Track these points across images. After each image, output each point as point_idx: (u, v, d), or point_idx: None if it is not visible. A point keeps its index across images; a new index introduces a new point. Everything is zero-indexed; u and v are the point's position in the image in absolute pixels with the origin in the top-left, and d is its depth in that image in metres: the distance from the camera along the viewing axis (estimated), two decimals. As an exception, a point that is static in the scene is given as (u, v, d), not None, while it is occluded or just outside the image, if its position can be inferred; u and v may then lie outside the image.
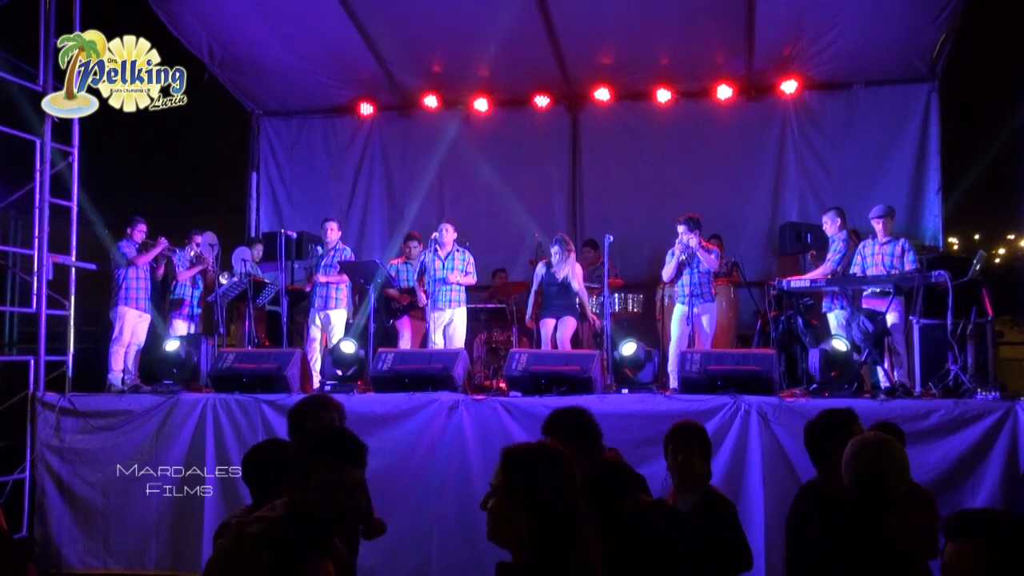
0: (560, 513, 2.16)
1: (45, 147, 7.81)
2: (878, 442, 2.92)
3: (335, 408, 4.08)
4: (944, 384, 6.48)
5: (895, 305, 7.25)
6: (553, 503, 2.16)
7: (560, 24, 9.41)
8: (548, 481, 2.19)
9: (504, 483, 2.21)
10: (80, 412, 7.10)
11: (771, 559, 5.68)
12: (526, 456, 2.27)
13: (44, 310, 7.72)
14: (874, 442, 2.93)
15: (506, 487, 2.20)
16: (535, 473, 2.21)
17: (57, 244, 7.91)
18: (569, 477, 2.23)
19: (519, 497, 2.17)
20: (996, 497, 5.66)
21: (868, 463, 2.85)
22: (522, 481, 2.19)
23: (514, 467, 2.23)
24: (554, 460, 2.25)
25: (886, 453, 2.87)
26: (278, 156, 11.74)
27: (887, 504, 2.80)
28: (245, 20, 9.51)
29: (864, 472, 2.84)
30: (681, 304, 7.92)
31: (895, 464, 2.87)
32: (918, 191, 9.96)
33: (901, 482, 2.89)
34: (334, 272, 8.74)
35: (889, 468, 2.84)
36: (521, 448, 2.31)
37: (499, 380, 7.66)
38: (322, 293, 8.73)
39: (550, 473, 2.21)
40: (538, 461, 2.25)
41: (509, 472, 2.22)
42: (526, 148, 11.09)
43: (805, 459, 5.79)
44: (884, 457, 2.86)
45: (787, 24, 9.28)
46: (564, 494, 2.19)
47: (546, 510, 2.15)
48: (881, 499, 2.80)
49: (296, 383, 7.04)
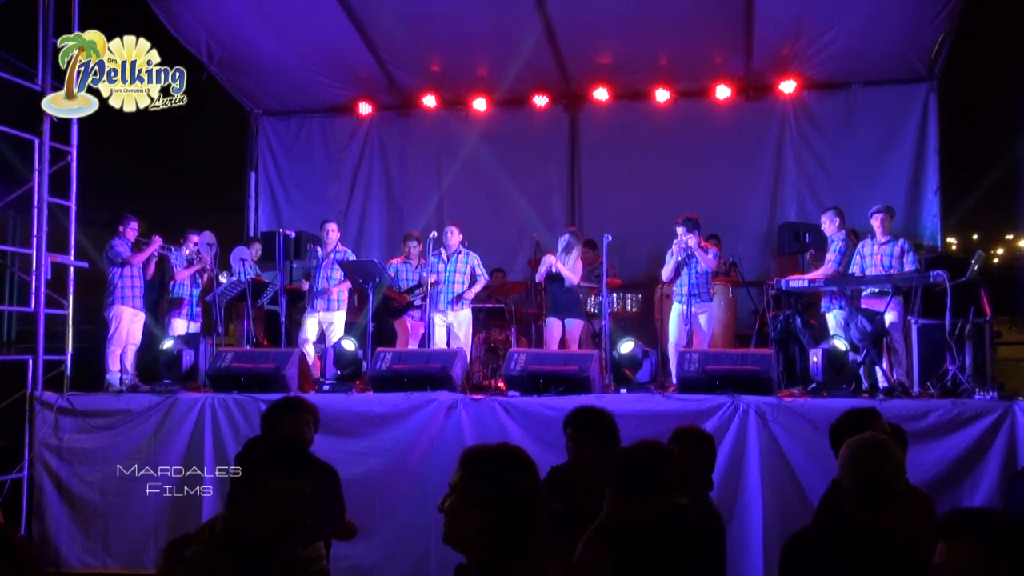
0: (514, 514, 2.14)
1: (44, 147, 7.80)
2: (875, 442, 2.93)
3: (309, 411, 4.04)
4: (942, 384, 6.49)
5: (894, 305, 7.25)
6: (508, 503, 2.14)
7: (559, 24, 9.41)
8: (505, 481, 2.17)
9: (460, 481, 2.20)
10: (78, 411, 7.10)
11: (769, 559, 5.69)
12: (485, 456, 2.24)
13: (43, 309, 7.71)
14: (871, 442, 2.93)
15: (462, 485, 2.19)
16: (492, 472, 2.18)
17: (56, 243, 7.91)
18: (527, 478, 2.21)
19: (475, 496, 2.15)
20: (994, 496, 5.66)
21: (864, 463, 2.85)
22: (479, 480, 2.17)
23: (472, 466, 2.20)
24: (513, 461, 2.23)
25: (883, 452, 2.88)
26: (277, 156, 11.73)
27: (885, 503, 2.81)
28: (244, 20, 9.51)
29: (861, 472, 2.84)
30: (679, 303, 7.93)
31: (892, 463, 2.87)
32: (916, 191, 9.97)
33: (899, 482, 2.89)
34: (336, 274, 8.75)
35: (887, 467, 2.85)
36: (481, 448, 2.28)
37: (497, 380, 7.66)
38: (323, 296, 8.74)
39: (507, 473, 2.19)
40: (496, 461, 2.22)
41: (466, 470, 2.20)
42: (525, 148, 11.09)
43: (803, 459, 5.87)
44: (881, 456, 2.86)
45: (786, 24, 9.28)
46: (520, 495, 2.16)
47: (500, 510, 2.13)
48: (879, 498, 2.80)
49: (294, 383, 7.04)
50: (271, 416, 3.99)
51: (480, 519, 2.13)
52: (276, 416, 3.98)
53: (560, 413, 6.12)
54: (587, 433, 3.82)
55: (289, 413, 3.98)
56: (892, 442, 2.96)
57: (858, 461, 2.86)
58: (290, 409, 4.02)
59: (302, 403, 4.11)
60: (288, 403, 4.12)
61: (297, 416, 3.97)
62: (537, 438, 6.26)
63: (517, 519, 2.15)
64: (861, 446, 2.91)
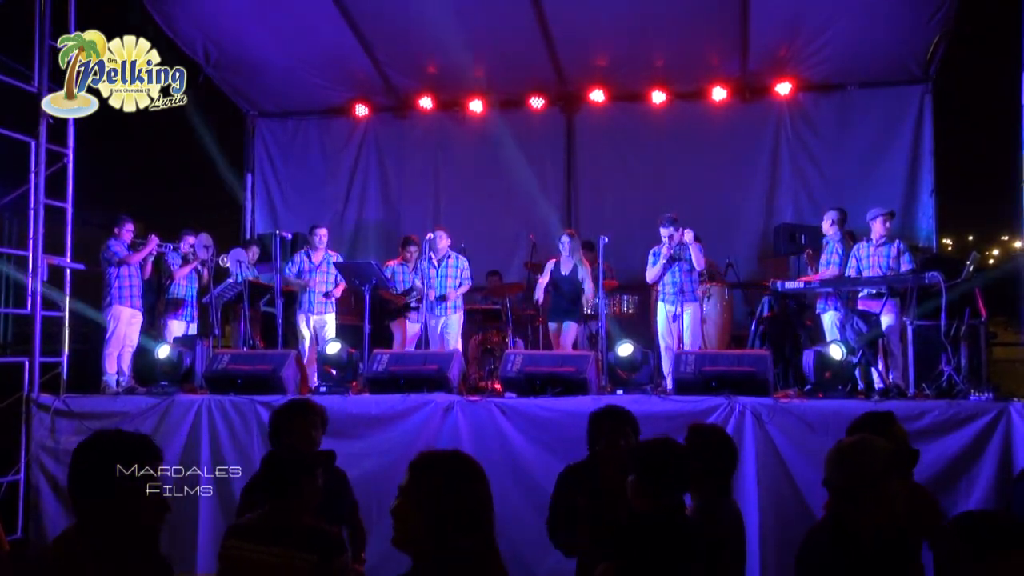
0: (457, 519, 2.21)
1: (40, 148, 7.79)
2: (859, 442, 2.97)
3: (316, 413, 4.07)
4: (938, 385, 6.50)
5: (890, 306, 7.26)
6: (451, 508, 2.21)
7: (555, 25, 9.42)
8: (448, 487, 2.24)
9: (407, 485, 2.27)
10: (75, 413, 7.08)
11: (765, 560, 5.71)
12: (433, 462, 2.33)
13: (39, 311, 7.70)
14: (855, 442, 2.97)
15: (408, 489, 2.26)
16: (437, 478, 2.26)
17: (52, 245, 7.90)
18: (472, 486, 2.29)
19: (418, 500, 2.23)
20: (990, 497, 5.68)
21: (847, 463, 2.89)
22: (423, 485, 2.25)
23: (419, 471, 2.29)
24: (460, 467, 2.32)
25: (866, 452, 2.91)
26: (273, 157, 11.73)
27: (876, 502, 2.82)
28: (240, 21, 9.51)
29: (844, 472, 2.87)
30: (667, 304, 7.96)
31: (880, 462, 2.89)
32: (912, 192, 9.99)
33: (879, 483, 2.91)
34: (331, 279, 8.84)
35: (870, 467, 2.87)
36: (431, 454, 2.37)
37: (494, 381, 7.67)
38: (316, 299, 8.88)
39: (452, 480, 2.27)
40: (443, 467, 2.31)
41: (413, 475, 2.28)
42: (521, 150, 11.07)
43: (799, 460, 5.89)
44: (867, 455, 2.89)
45: (782, 26, 9.30)
46: (463, 501, 2.24)
47: (443, 514, 2.21)
48: (869, 497, 2.82)
49: (291, 384, 7.04)
50: (279, 418, 4.02)
51: (423, 522, 2.21)
52: (284, 418, 4.01)
53: (557, 415, 6.21)
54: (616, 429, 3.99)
55: (297, 415, 4.02)
56: (880, 442, 2.98)
57: (841, 461, 2.89)
58: (298, 411, 4.05)
59: (310, 405, 4.14)
60: (296, 405, 4.15)
61: (305, 418, 4.01)
62: (533, 439, 6.28)
63: (460, 524, 2.22)
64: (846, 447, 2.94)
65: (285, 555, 3.07)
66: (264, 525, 3.18)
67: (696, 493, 3.54)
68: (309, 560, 3.05)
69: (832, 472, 2.89)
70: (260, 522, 3.21)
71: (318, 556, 3.07)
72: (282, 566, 3.05)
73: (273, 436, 4.02)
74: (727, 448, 3.69)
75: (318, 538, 3.13)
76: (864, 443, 2.92)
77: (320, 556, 3.07)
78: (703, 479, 3.50)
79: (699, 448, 3.57)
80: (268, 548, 3.09)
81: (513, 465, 6.24)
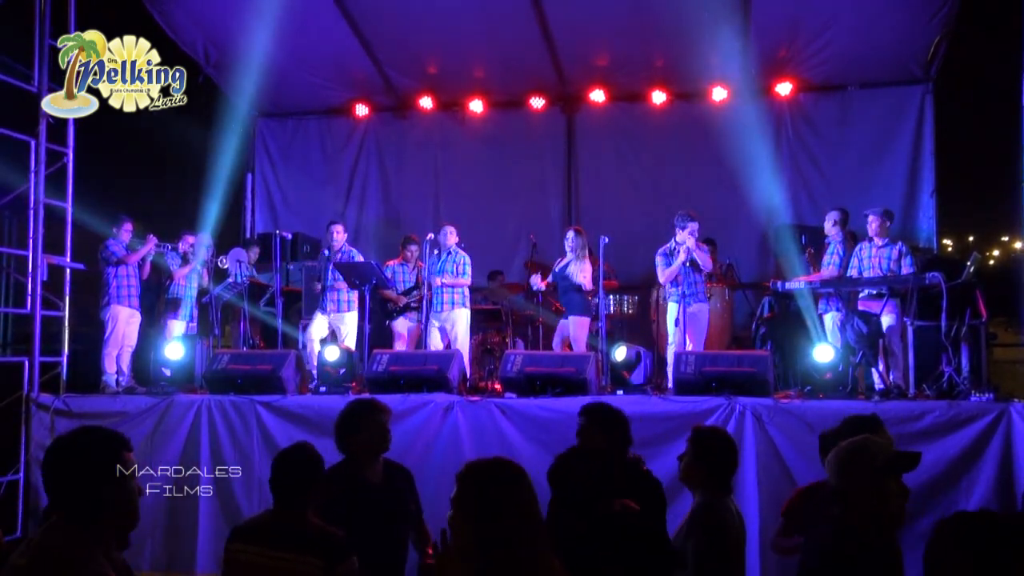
0: (506, 527, 2.27)
1: (40, 148, 7.79)
2: (859, 443, 2.98)
3: (383, 411, 4.07)
4: (938, 386, 6.50)
5: (891, 307, 7.25)
6: (499, 518, 2.28)
7: (555, 26, 9.42)
8: (496, 497, 2.31)
9: (456, 497, 2.35)
10: (75, 413, 7.08)
11: (765, 560, 5.70)
12: (479, 471, 2.39)
13: (39, 311, 7.70)
14: (856, 444, 2.98)
15: (458, 501, 2.34)
16: (483, 488, 2.33)
17: (52, 245, 7.89)
18: (519, 493, 2.34)
19: (468, 511, 2.31)
20: (991, 498, 5.67)
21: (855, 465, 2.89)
22: (470, 496, 2.32)
23: (465, 481, 2.36)
24: (505, 475, 2.38)
25: (869, 453, 2.92)
26: (273, 157, 11.73)
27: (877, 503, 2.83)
28: (240, 21, 9.49)
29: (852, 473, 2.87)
30: (676, 304, 7.94)
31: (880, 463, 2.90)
32: (912, 193, 9.98)
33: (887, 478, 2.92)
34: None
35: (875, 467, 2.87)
36: (477, 463, 2.43)
37: (494, 381, 7.66)
38: (333, 297, 8.69)
39: (499, 488, 2.33)
40: (489, 476, 2.37)
41: (461, 486, 2.35)
42: (521, 150, 11.10)
43: (799, 460, 5.87)
44: (867, 456, 2.90)
45: (782, 26, 9.30)
46: (511, 509, 2.30)
47: (492, 524, 2.27)
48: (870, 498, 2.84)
49: (291, 384, 7.04)
50: (353, 416, 4.00)
51: (474, 533, 2.27)
52: (355, 416, 3.99)
53: (557, 415, 6.20)
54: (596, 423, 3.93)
55: (367, 413, 4.00)
56: (880, 443, 2.98)
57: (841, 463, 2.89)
58: (367, 410, 4.04)
59: (376, 403, 4.13)
60: (364, 404, 4.13)
61: (379, 416, 4.00)
62: (533, 440, 6.27)
63: (510, 532, 2.27)
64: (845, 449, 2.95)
65: (290, 559, 3.03)
66: (269, 528, 3.15)
67: (698, 492, 3.56)
68: (315, 564, 3.02)
69: (833, 474, 2.89)
70: (265, 524, 3.18)
71: (324, 560, 3.04)
72: (287, 570, 3.03)
73: (344, 435, 3.99)
74: (729, 448, 3.68)
75: (324, 542, 3.10)
76: (864, 444, 2.92)
77: (326, 560, 3.04)
78: (706, 479, 3.54)
79: (702, 450, 3.59)
80: (273, 552, 3.06)
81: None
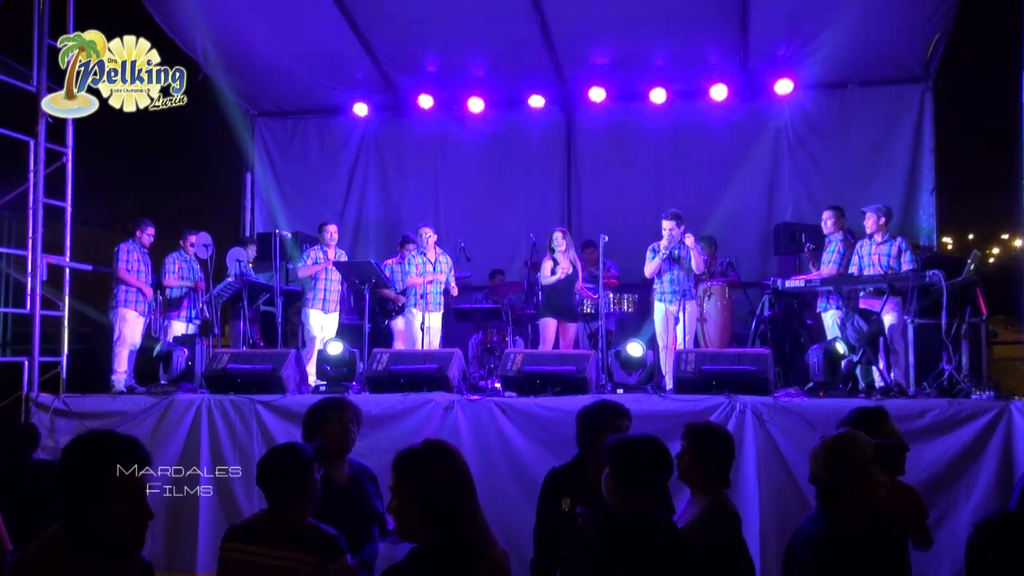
0: (446, 501, 2.48)
1: (39, 148, 7.79)
2: (839, 438, 3.00)
3: (352, 410, 4.08)
4: (939, 384, 6.49)
5: (893, 305, 7.25)
6: (438, 493, 2.48)
7: (555, 24, 9.41)
8: (431, 474, 2.51)
9: (395, 483, 2.54)
10: (74, 413, 7.07)
11: (766, 559, 5.69)
12: (411, 456, 2.57)
13: (38, 311, 7.70)
14: (837, 438, 3.00)
15: (396, 486, 2.52)
16: (419, 469, 2.52)
17: (52, 244, 7.89)
18: (451, 468, 2.56)
19: (408, 493, 2.50)
20: (991, 496, 5.67)
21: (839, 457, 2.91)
22: (408, 478, 2.51)
23: (402, 467, 2.55)
24: (436, 454, 2.58)
25: (852, 445, 2.94)
26: (273, 156, 11.72)
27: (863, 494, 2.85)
28: (239, 20, 9.50)
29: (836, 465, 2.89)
30: (665, 303, 7.95)
31: (864, 454, 2.92)
32: (912, 191, 9.97)
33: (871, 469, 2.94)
34: (335, 275, 8.84)
35: (859, 459, 2.89)
36: (408, 450, 2.60)
37: (494, 380, 7.65)
38: (328, 297, 8.85)
39: (432, 466, 2.53)
40: (421, 458, 2.56)
41: (398, 472, 2.54)
42: (521, 148, 11.10)
43: (800, 459, 5.86)
44: (851, 449, 2.92)
45: (782, 24, 9.29)
46: (446, 484, 2.51)
47: (433, 500, 2.47)
48: (855, 489, 2.86)
49: (291, 383, 7.03)
50: (316, 414, 4.02)
51: (418, 512, 2.47)
52: (320, 415, 4.00)
53: (557, 414, 6.19)
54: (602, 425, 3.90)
55: (333, 411, 4.01)
56: (861, 436, 3.01)
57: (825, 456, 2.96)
58: (334, 408, 4.05)
59: (344, 400, 4.18)
60: (332, 402, 4.15)
61: (341, 414, 4.00)
62: (534, 438, 6.27)
63: (450, 505, 2.48)
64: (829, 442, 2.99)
65: (285, 557, 3.05)
66: (263, 527, 3.16)
67: (694, 489, 3.54)
68: (308, 561, 3.04)
69: (817, 467, 2.93)
70: (259, 523, 3.19)
71: (318, 558, 3.05)
72: (281, 568, 3.04)
73: (308, 433, 4.00)
74: (727, 442, 3.65)
75: (317, 539, 3.11)
76: (847, 437, 2.96)
77: (320, 558, 3.05)
78: (701, 476, 3.49)
79: (697, 447, 3.55)
80: (267, 550, 3.07)
81: (513, 464, 6.24)
